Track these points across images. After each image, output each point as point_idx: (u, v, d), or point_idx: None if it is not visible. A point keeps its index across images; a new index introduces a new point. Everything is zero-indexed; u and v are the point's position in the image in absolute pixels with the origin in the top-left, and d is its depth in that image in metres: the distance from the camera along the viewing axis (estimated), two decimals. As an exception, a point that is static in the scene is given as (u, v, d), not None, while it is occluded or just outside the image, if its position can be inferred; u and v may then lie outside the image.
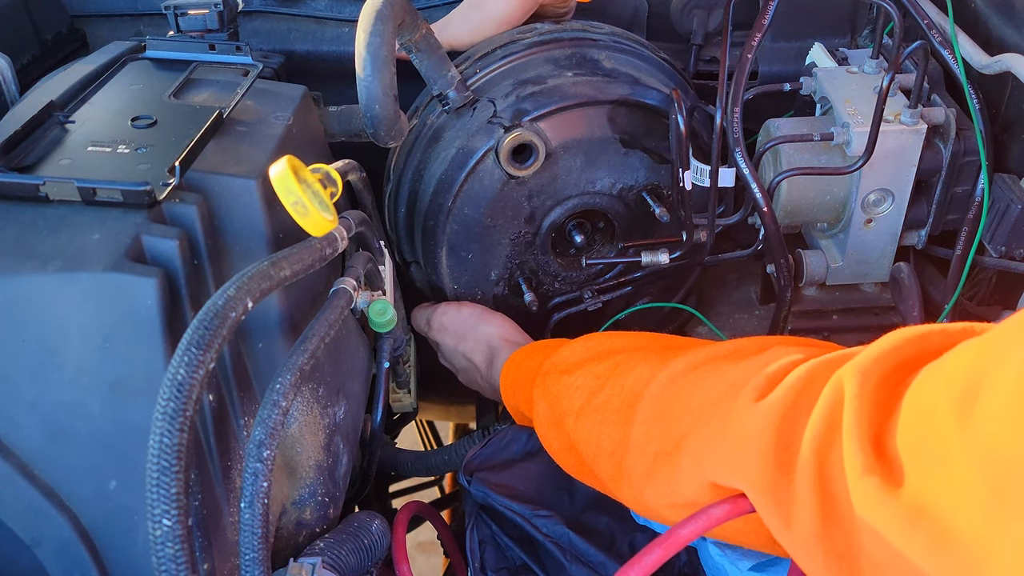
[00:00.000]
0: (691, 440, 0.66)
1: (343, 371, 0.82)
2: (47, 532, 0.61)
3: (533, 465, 0.92)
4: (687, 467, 0.66)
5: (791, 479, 0.57)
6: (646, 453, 0.70)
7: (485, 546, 0.90)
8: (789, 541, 0.58)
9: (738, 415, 0.62)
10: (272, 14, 1.14)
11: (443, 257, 1.03)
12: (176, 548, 0.54)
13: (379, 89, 0.82)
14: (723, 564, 0.77)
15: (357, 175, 0.94)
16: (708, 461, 0.64)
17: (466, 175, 0.97)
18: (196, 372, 0.55)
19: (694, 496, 0.66)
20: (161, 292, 0.61)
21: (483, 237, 1.02)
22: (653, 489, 0.70)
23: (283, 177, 0.64)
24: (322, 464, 0.76)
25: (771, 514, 0.58)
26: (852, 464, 0.50)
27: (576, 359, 0.85)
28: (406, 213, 1.06)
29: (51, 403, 0.61)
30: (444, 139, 0.99)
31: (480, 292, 1.08)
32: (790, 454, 0.57)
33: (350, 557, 0.73)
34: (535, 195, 1.01)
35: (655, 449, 0.70)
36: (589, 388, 0.80)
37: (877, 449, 0.50)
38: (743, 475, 0.60)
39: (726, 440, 0.62)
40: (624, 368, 0.78)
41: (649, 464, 0.70)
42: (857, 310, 1.10)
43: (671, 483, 0.68)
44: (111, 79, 0.84)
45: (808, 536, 0.55)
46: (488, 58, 1.01)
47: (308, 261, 0.68)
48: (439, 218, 1.00)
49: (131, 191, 0.65)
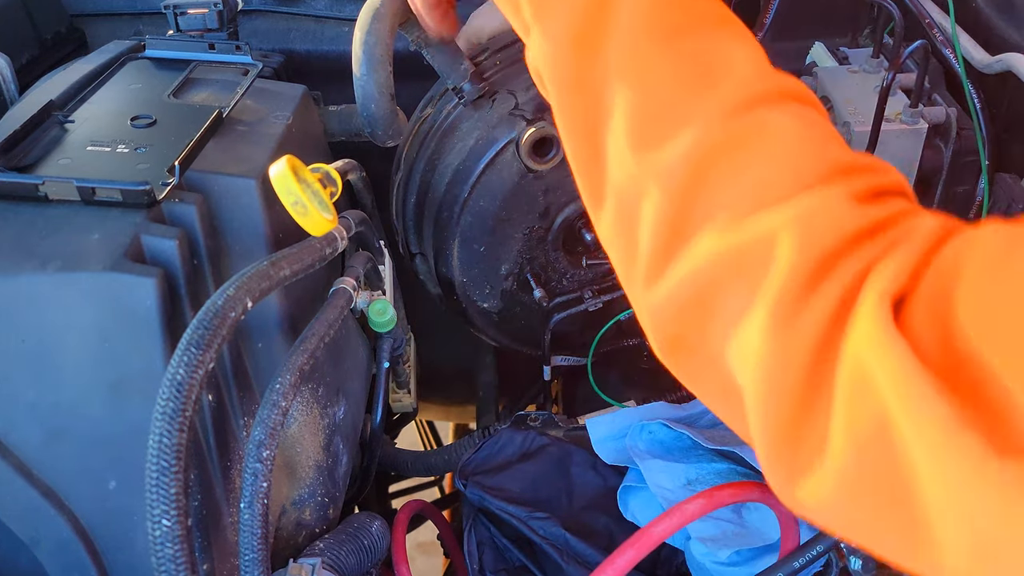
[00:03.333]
0: None
1: (343, 371, 0.82)
2: (46, 532, 0.61)
3: (529, 467, 0.92)
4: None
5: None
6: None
7: (484, 547, 0.90)
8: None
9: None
10: (272, 13, 1.14)
11: (455, 249, 1.02)
12: (175, 548, 0.54)
13: (375, 88, 0.82)
14: (704, 562, 0.77)
15: (357, 175, 0.94)
16: None
17: (484, 166, 0.96)
18: (195, 372, 0.55)
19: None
20: (160, 292, 0.61)
21: (496, 230, 1.01)
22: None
23: (283, 177, 0.64)
24: (322, 464, 0.76)
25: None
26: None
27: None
28: (416, 204, 1.05)
29: (50, 403, 0.61)
30: (461, 130, 0.98)
31: (489, 286, 1.07)
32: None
33: (350, 558, 0.73)
34: (552, 190, 1.00)
35: None
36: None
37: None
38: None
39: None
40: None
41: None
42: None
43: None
44: (110, 78, 0.84)
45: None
46: (508, 50, 1.00)
47: (308, 261, 0.68)
48: (454, 209, 0.99)
49: (130, 191, 0.65)
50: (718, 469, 0.83)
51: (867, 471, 0.37)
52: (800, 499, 0.41)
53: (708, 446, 0.84)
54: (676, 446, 0.87)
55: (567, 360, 1.15)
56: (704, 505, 0.63)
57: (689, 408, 0.91)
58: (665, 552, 0.87)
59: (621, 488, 0.87)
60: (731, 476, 0.82)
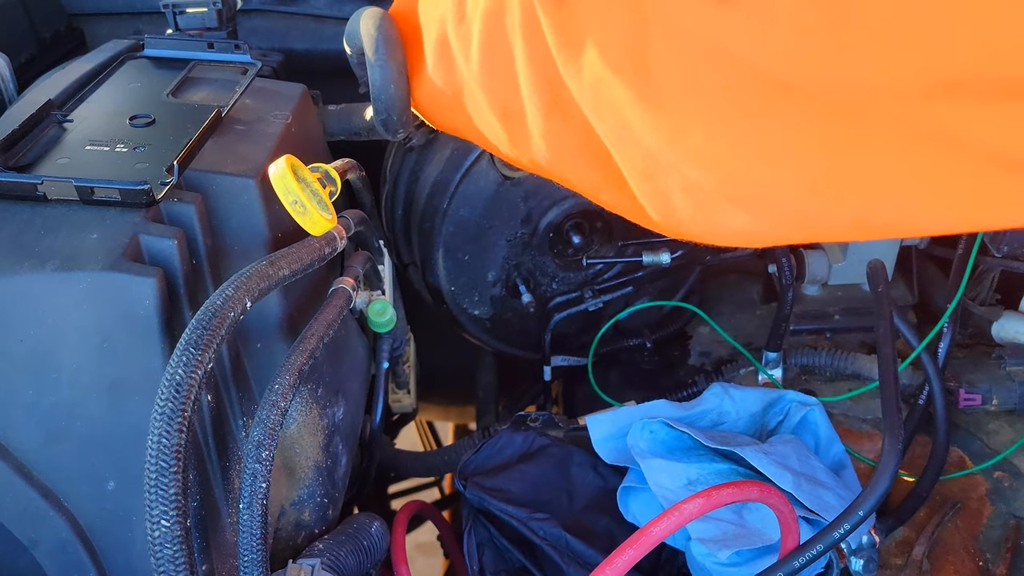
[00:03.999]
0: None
1: (342, 371, 0.82)
2: (45, 533, 0.61)
3: (529, 467, 0.92)
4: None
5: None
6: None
7: (483, 548, 0.89)
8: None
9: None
10: (271, 12, 1.14)
11: (440, 259, 1.03)
12: (174, 549, 0.54)
13: (395, 69, 0.75)
14: (704, 562, 0.76)
15: (356, 174, 0.93)
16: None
17: (461, 177, 0.97)
18: (194, 372, 0.54)
19: None
20: (159, 292, 0.60)
21: (480, 238, 1.02)
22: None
23: (282, 176, 0.64)
24: (321, 465, 0.76)
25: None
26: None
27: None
28: (403, 215, 1.06)
29: (49, 403, 0.61)
30: (439, 141, 0.99)
31: (478, 293, 1.07)
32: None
33: (349, 558, 0.73)
34: (531, 196, 1.01)
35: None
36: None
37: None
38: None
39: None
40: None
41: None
42: (859, 309, 1.10)
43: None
44: (109, 78, 0.84)
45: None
46: None
47: (307, 260, 0.67)
48: (435, 220, 1.00)
49: (129, 190, 0.64)
50: (719, 469, 0.83)
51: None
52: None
53: (710, 445, 0.84)
54: (677, 446, 0.86)
55: (567, 360, 1.15)
56: (703, 505, 0.63)
57: (690, 407, 0.91)
58: (666, 553, 0.87)
59: (621, 488, 0.86)
60: (732, 476, 0.82)
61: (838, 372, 1.05)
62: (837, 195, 0.47)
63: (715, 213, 0.53)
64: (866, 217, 0.47)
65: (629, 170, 0.56)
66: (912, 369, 1.01)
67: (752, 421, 0.93)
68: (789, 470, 0.79)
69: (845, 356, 1.04)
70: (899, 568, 0.85)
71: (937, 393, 0.92)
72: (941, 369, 0.95)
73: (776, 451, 0.82)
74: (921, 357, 0.93)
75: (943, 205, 0.45)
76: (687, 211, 0.54)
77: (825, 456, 0.88)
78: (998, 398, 0.98)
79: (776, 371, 1.05)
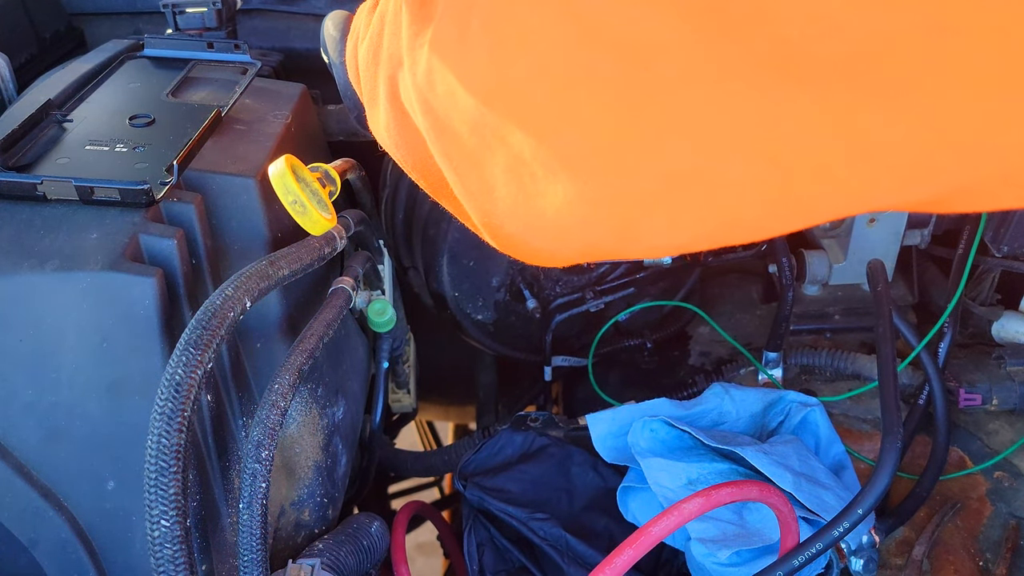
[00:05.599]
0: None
1: (342, 371, 0.82)
2: (45, 533, 0.61)
3: (529, 467, 0.92)
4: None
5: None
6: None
7: (483, 548, 0.89)
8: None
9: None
10: (271, 12, 1.14)
11: (444, 265, 1.03)
12: (174, 549, 0.54)
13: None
14: (704, 562, 0.76)
15: (356, 174, 0.93)
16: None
17: None
18: (194, 372, 0.55)
19: None
20: (159, 292, 0.60)
21: (484, 244, 1.02)
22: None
23: (281, 176, 0.64)
24: (321, 465, 0.76)
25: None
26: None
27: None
28: (404, 219, 1.05)
29: (49, 403, 0.61)
30: None
31: (481, 298, 1.07)
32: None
33: (349, 558, 0.73)
34: None
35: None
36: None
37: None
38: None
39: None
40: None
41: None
42: (859, 309, 1.10)
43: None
44: (109, 77, 0.84)
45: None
46: None
47: (307, 260, 0.68)
48: (441, 225, 0.99)
49: (129, 190, 0.64)
50: (719, 469, 0.83)
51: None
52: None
53: (710, 444, 0.84)
54: (677, 445, 0.86)
55: (568, 361, 1.15)
56: (703, 504, 0.63)
57: (691, 407, 0.91)
58: (666, 553, 0.86)
59: (620, 488, 0.86)
60: (732, 476, 0.82)
61: (838, 372, 1.05)
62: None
63: (538, 196, 0.44)
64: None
65: (451, 160, 0.50)
66: (912, 369, 1.01)
67: (752, 421, 0.93)
68: (789, 470, 0.79)
69: (845, 356, 1.04)
70: (899, 568, 0.85)
71: (937, 393, 0.92)
72: (941, 369, 0.95)
73: (776, 451, 0.82)
74: (921, 357, 0.93)
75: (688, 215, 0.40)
76: (508, 198, 0.47)
77: (825, 457, 0.88)
78: (998, 398, 0.98)
79: (776, 371, 1.05)
